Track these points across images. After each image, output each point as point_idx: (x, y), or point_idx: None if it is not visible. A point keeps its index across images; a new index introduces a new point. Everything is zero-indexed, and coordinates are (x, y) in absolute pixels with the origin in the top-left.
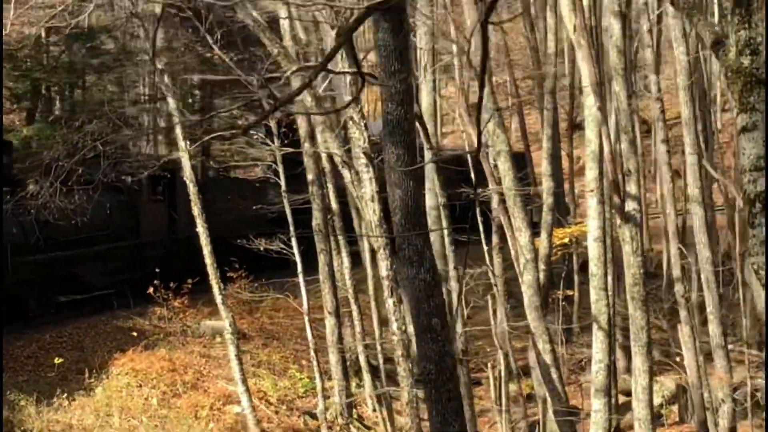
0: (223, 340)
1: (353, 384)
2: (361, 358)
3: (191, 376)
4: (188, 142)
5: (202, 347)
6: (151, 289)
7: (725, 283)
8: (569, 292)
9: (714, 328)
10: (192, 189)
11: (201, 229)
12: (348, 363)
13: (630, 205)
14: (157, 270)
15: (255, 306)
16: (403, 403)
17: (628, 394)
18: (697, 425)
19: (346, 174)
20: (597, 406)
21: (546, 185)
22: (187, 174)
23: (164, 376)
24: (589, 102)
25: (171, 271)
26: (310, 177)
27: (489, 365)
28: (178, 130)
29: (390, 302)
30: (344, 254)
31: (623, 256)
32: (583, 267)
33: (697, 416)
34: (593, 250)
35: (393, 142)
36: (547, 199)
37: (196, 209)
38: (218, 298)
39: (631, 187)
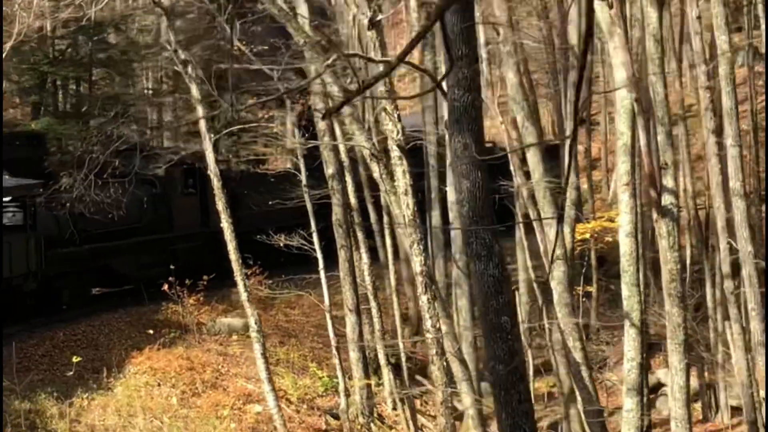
0: (239, 337)
1: (373, 382)
2: (381, 356)
3: (210, 375)
4: (211, 135)
5: (219, 345)
6: (165, 286)
7: None
8: (589, 289)
9: (756, 325)
10: (216, 183)
11: (226, 224)
12: (368, 361)
13: (667, 199)
14: (170, 266)
15: (270, 303)
16: (429, 402)
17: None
18: (747, 425)
19: (375, 167)
20: (629, 405)
21: (569, 179)
22: (212, 167)
23: (183, 375)
24: (622, 93)
25: (203, 264)
26: (329, 171)
27: None
28: (202, 123)
29: (424, 299)
30: (363, 250)
31: (659, 251)
32: (601, 262)
33: (747, 416)
34: (625, 246)
35: (460, 130)
36: (570, 194)
37: (220, 204)
38: (243, 296)
39: (668, 181)
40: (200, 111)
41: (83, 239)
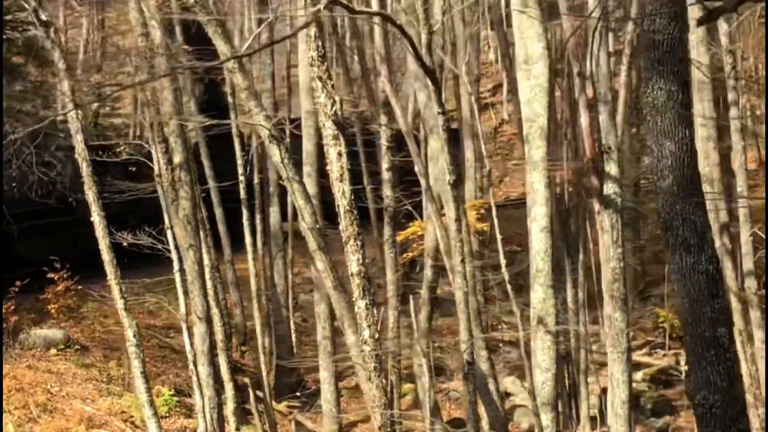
0: (58, 352)
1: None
2: (224, 371)
3: (43, 397)
4: (79, 113)
5: (39, 361)
6: None
7: None
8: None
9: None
10: (85, 169)
11: (97, 218)
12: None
13: (610, 188)
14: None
15: (81, 312)
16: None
17: None
18: None
19: (274, 152)
20: (545, 421)
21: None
22: (79, 149)
23: (13, 398)
24: (537, 70)
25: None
26: (176, 159)
27: None
28: (67, 100)
29: (362, 304)
30: (204, 250)
31: (601, 246)
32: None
33: None
34: (540, 242)
35: (662, 73)
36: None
37: (90, 194)
38: (119, 303)
39: (611, 167)
40: (66, 84)
41: None
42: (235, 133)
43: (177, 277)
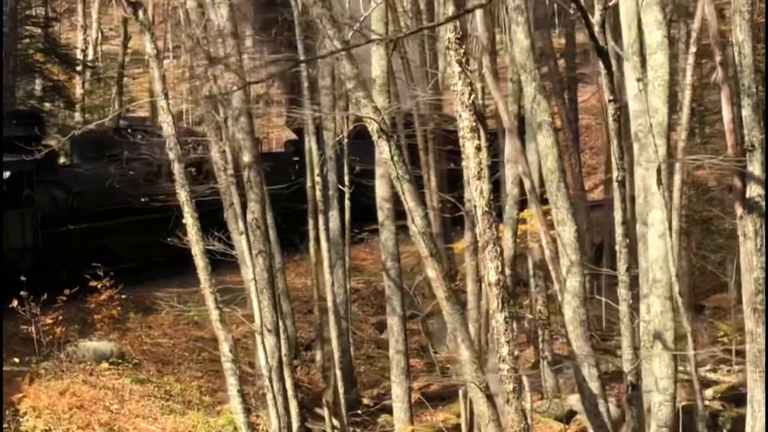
0: (110, 366)
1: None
2: (289, 386)
3: (105, 415)
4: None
5: (92, 376)
6: (15, 302)
7: None
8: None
9: None
10: (177, 167)
11: (190, 220)
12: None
13: (754, 190)
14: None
15: (126, 324)
16: None
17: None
18: None
19: (384, 147)
20: None
21: (511, 171)
22: (171, 145)
23: (75, 416)
24: (656, 61)
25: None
26: (246, 159)
27: None
28: (158, 85)
29: (500, 318)
30: (278, 259)
31: (742, 255)
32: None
33: None
34: (658, 250)
35: None
36: (512, 189)
37: (182, 194)
38: (214, 315)
39: (755, 167)
40: (157, 70)
41: (80, 218)
42: (312, 130)
43: (252, 285)
